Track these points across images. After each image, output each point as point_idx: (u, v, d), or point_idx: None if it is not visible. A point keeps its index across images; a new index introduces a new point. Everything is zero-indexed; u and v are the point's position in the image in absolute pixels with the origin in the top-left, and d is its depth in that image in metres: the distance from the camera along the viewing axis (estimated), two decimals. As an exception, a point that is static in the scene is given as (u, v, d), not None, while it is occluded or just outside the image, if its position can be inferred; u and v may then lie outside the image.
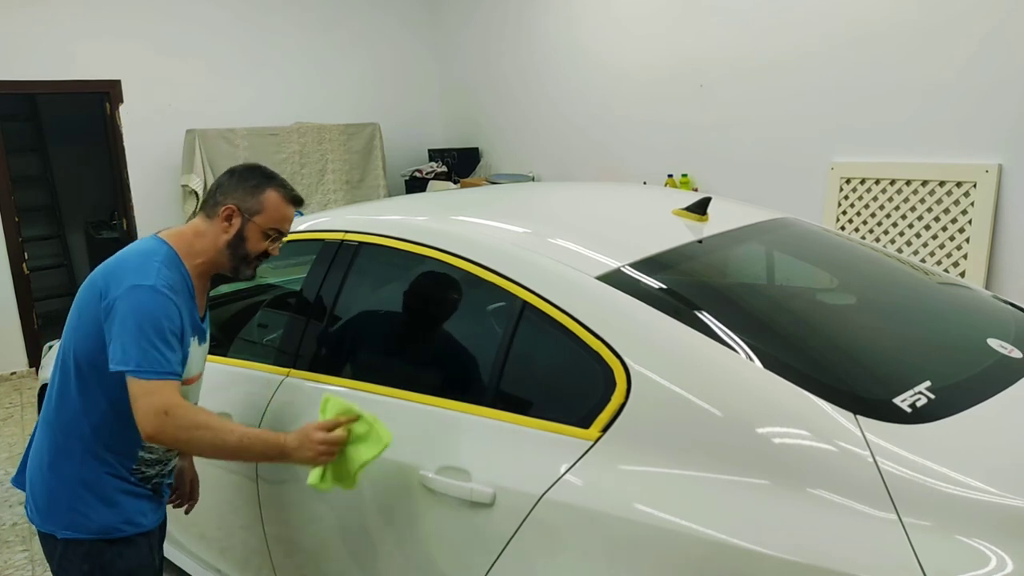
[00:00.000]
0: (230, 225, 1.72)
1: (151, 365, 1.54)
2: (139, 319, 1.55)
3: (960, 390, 1.44)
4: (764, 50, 4.36)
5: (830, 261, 2.09)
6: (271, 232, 1.76)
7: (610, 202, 2.32)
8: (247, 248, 1.74)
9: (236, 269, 1.77)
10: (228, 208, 1.72)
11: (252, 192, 1.74)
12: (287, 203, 1.78)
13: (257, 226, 1.73)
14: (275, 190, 1.76)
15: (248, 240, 1.73)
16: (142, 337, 1.54)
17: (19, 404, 5.09)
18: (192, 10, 5.98)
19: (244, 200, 1.73)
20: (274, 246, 1.78)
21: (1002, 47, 3.34)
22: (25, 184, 7.04)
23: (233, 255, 1.74)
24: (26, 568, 3.07)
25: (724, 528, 1.25)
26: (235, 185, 1.75)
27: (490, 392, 1.66)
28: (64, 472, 1.67)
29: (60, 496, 1.68)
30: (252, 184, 1.75)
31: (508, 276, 1.67)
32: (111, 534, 1.68)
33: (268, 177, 1.78)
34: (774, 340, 1.55)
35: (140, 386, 1.53)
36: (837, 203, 4.08)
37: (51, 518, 1.69)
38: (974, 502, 1.16)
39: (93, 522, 1.67)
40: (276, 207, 1.75)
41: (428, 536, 1.65)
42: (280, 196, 1.76)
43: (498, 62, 6.46)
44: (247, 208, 1.72)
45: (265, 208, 1.74)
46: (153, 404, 1.52)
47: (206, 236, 1.73)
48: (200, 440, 1.57)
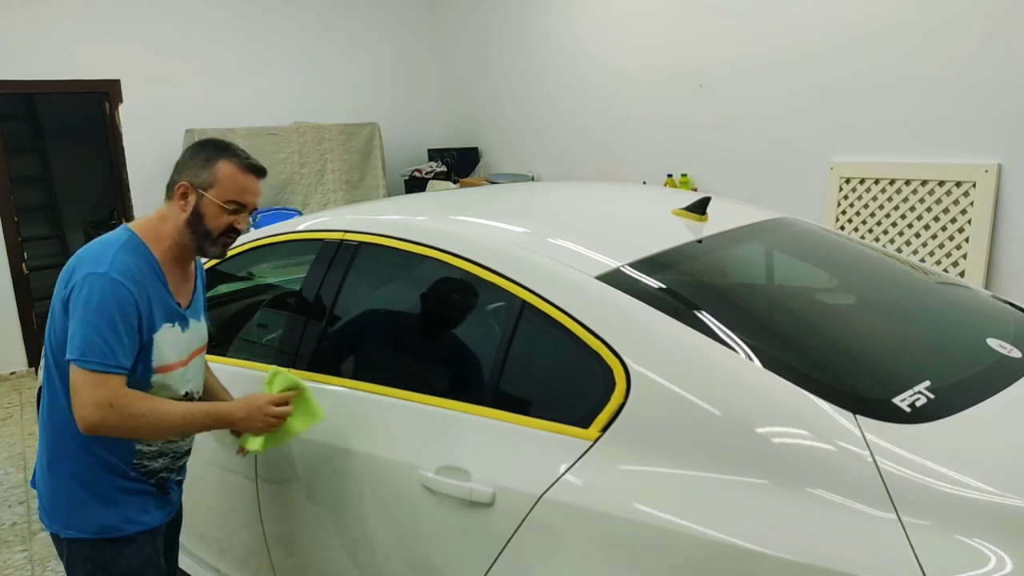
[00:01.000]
0: (186, 203, 1.66)
1: (95, 355, 1.51)
2: (87, 307, 1.53)
3: (960, 390, 1.44)
4: (764, 50, 4.36)
5: (830, 261, 2.09)
6: (229, 205, 1.67)
7: (610, 202, 2.32)
8: (206, 225, 1.67)
9: (201, 248, 1.71)
10: (182, 185, 1.66)
11: (203, 165, 1.67)
12: (243, 171, 1.69)
13: (212, 200, 1.65)
14: (227, 160, 1.67)
15: (206, 216, 1.66)
16: (89, 326, 1.52)
17: (18, 404, 5.09)
18: (192, 10, 5.98)
19: (196, 175, 1.66)
20: (239, 219, 1.70)
21: (1002, 47, 3.34)
22: (24, 184, 7.04)
23: (194, 233, 1.67)
24: (25, 568, 3.07)
25: (724, 528, 1.25)
26: (187, 160, 1.69)
27: (490, 392, 1.66)
28: (61, 471, 1.67)
29: (59, 496, 1.67)
30: (203, 157, 1.68)
31: (508, 276, 1.67)
32: (110, 533, 1.67)
33: (220, 148, 1.70)
34: (774, 340, 1.55)
35: (82, 375, 1.51)
36: (837, 203, 4.08)
37: (54, 518, 1.69)
38: (973, 502, 1.16)
39: (92, 522, 1.66)
40: (230, 177, 1.67)
41: (428, 536, 1.65)
42: (234, 165, 1.68)
43: (498, 62, 6.46)
44: (200, 182, 1.65)
45: (219, 180, 1.66)
46: (96, 397, 1.51)
47: (168, 219, 1.69)
48: (142, 427, 1.58)
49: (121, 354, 1.55)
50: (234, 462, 2.11)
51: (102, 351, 1.52)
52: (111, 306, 1.54)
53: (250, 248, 2.38)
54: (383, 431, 1.78)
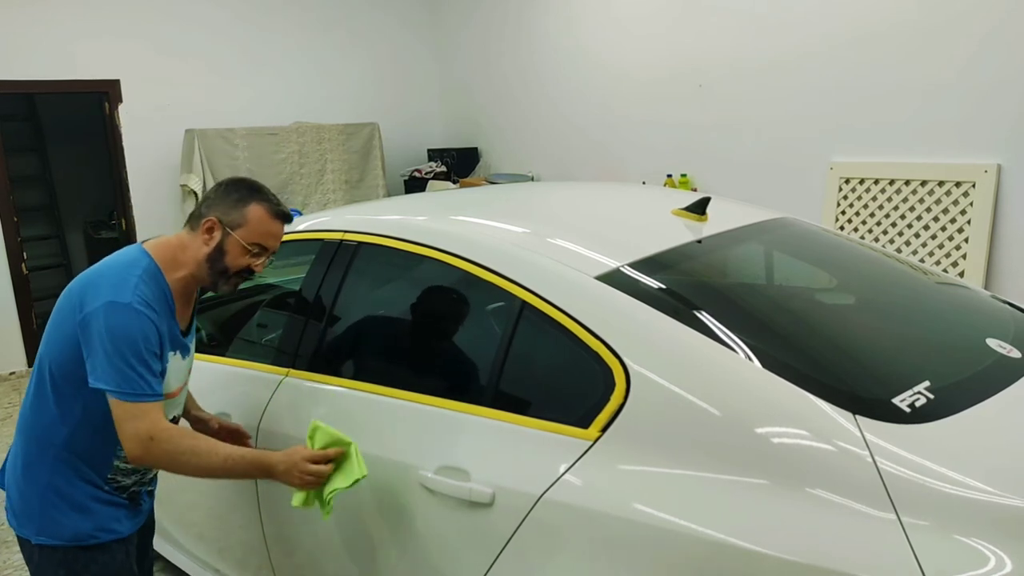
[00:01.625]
0: (210, 238, 1.69)
1: (131, 387, 1.53)
2: (116, 339, 1.53)
3: (959, 390, 1.44)
4: (764, 50, 4.36)
5: (829, 261, 2.09)
6: (253, 247, 1.71)
7: (609, 202, 2.32)
8: (226, 262, 1.70)
9: (215, 284, 1.73)
10: (210, 221, 1.68)
11: (235, 205, 1.69)
12: (272, 218, 1.72)
13: (237, 240, 1.69)
14: (260, 204, 1.70)
15: (228, 254, 1.69)
16: (119, 358, 1.52)
17: (18, 404, 5.09)
18: (192, 10, 5.98)
19: (227, 213, 1.69)
20: (257, 263, 1.73)
21: (1002, 47, 3.34)
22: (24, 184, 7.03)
23: (212, 269, 1.70)
24: (25, 568, 3.06)
25: (723, 528, 1.25)
26: (219, 198, 1.71)
27: (489, 392, 1.66)
28: (37, 478, 1.67)
29: (33, 502, 1.67)
30: (236, 197, 1.70)
31: (508, 276, 1.67)
32: (85, 541, 1.67)
33: (254, 190, 1.73)
34: (773, 340, 1.55)
35: (123, 409, 1.54)
36: (836, 203, 4.08)
37: (25, 523, 1.69)
38: (973, 502, 1.16)
39: (66, 529, 1.66)
40: (260, 221, 1.70)
41: (427, 536, 1.65)
42: (265, 211, 1.71)
43: (498, 62, 6.46)
44: (229, 221, 1.68)
45: (248, 222, 1.69)
46: (137, 430, 1.53)
47: (189, 249, 1.70)
48: (185, 465, 1.59)
49: (155, 383, 1.58)
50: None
51: (137, 383, 1.54)
52: (137, 337, 1.55)
53: (250, 248, 2.37)
54: (382, 431, 1.78)
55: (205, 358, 2.34)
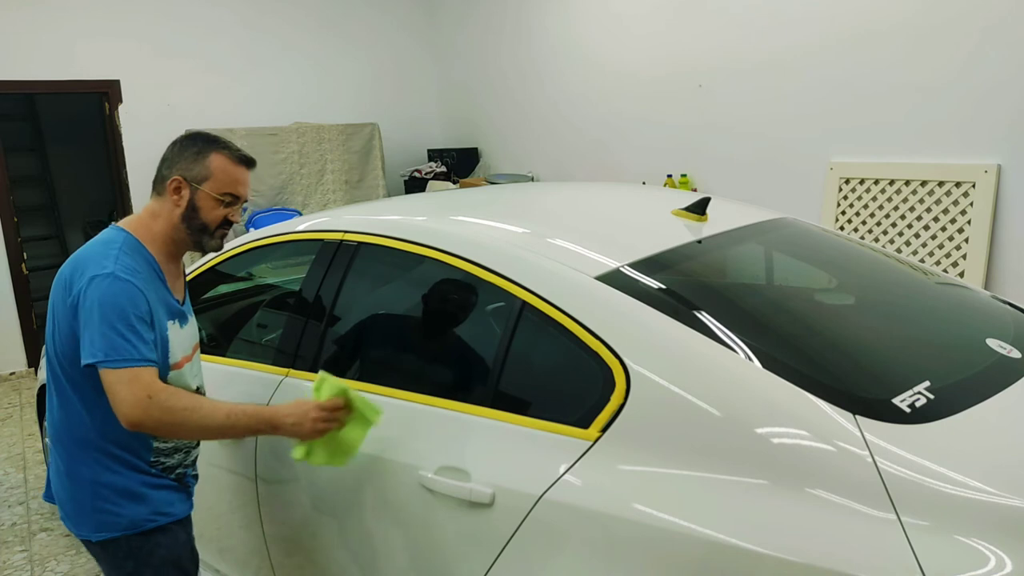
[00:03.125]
0: (179, 198, 1.66)
1: (121, 353, 1.50)
2: (102, 308, 1.51)
3: (959, 390, 1.44)
4: (763, 50, 4.36)
5: (829, 261, 2.09)
6: (224, 197, 1.68)
7: (609, 202, 2.32)
8: (202, 218, 1.67)
9: (199, 243, 1.70)
10: (175, 180, 1.66)
11: (196, 159, 1.66)
12: (235, 163, 1.70)
13: (207, 194, 1.66)
14: (219, 152, 1.68)
15: (202, 209, 1.67)
16: (107, 326, 1.50)
17: (18, 404, 5.09)
18: (191, 10, 5.98)
19: (189, 168, 1.66)
20: (233, 211, 1.71)
21: (1001, 47, 3.34)
22: (23, 184, 7.04)
23: (190, 228, 1.68)
24: (25, 568, 3.07)
25: (723, 528, 1.25)
26: (177, 155, 1.68)
27: (489, 392, 1.66)
28: (83, 478, 1.65)
29: (85, 501, 1.65)
30: (194, 151, 1.67)
31: (507, 276, 1.67)
32: (143, 526, 1.65)
33: (210, 141, 1.70)
34: (773, 340, 1.55)
35: (115, 375, 1.50)
36: (836, 203, 4.08)
37: (82, 524, 1.67)
38: (973, 502, 1.16)
39: (122, 518, 1.64)
40: (223, 170, 1.68)
41: (427, 536, 1.65)
42: (226, 158, 1.68)
43: (496, 62, 6.46)
44: (193, 176, 1.65)
45: (212, 173, 1.66)
46: (133, 391, 1.49)
47: (161, 215, 1.68)
48: (187, 422, 1.55)
49: (146, 349, 1.54)
50: (234, 462, 2.11)
51: (127, 348, 1.51)
52: (124, 304, 1.53)
53: (250, 248, 2.38)
54: (383, 431, 1.78)
55: (205, 358, 2.34)
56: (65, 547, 3.20)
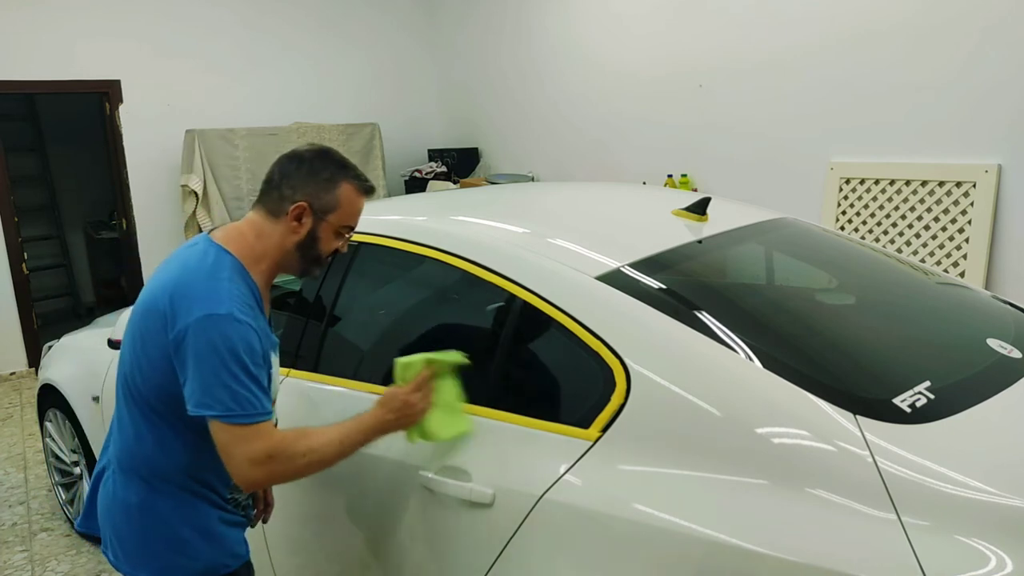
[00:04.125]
0: (300, 225, 1.51)
1: (243, 408, 1.36)
2: (220, 355, 1.36)
3: (960, 390, 1.44)
4: (763, 50, 4.36)
5: (829, 261, 2.09)
6: (344, 229, 1.57)
7: (610, 202, 2.32)
8: (319, 248, 1.55)
9: (305, 271, 1.58)
10: (299, 206, 1.50)
11: (326, 187, 1.51)
12: (362, 195, 1.57)
13: (331, 224, 1.53)
14: (349, 183, 1.54)
15: (321, 240, 1.54)
16: (228, 375, 1.36)
17: (19, 404, 5.09)
18: (191, 10, 5.98)
19: (318, 196, 1.51)
20: (343, 243, 1.59)
21: (1001, 47, 3.34)
22: (24, 184, 7.03)
23: (304, 257, 1.54)
24: (26, 568, 3.07)
25: (724, 528, 1.25)
26: (305, 178, 1.51)
27: (490, 392, 1.66)
28: (160, 512, 1.51)
29: (156, 538, 1.51)
30: (325, 176, 1.52)
31: (508, 276, 1.67)
32: (218, 571, 1.54)
33: (341, 167, 1.55)
34: (774, 340, 1.55)
35: (231, 433, 1.36)
36: (836, 203, 4.08)
37: (145, 563, 1.53)
38: (973, 502, 1.16)
39: (198, 562, 1.51)
40: (350, 202, 1.54)
41: (428, 536, 1.65)
42: (355, 189, 1.55)
43: (496, 62, 6.46)
44: (321, 206, 1.51)
45: (340, 205, 1.52)
46: (254, 452, 1.37)
47: (271, 237, 1.52)
48: (307, 467, 1.44)
49: (265, 399, 1.42)
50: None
51: (249, 402, 1.37)
52: (241, 350, 1.38)
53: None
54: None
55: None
56: (66, 547, 3.21)
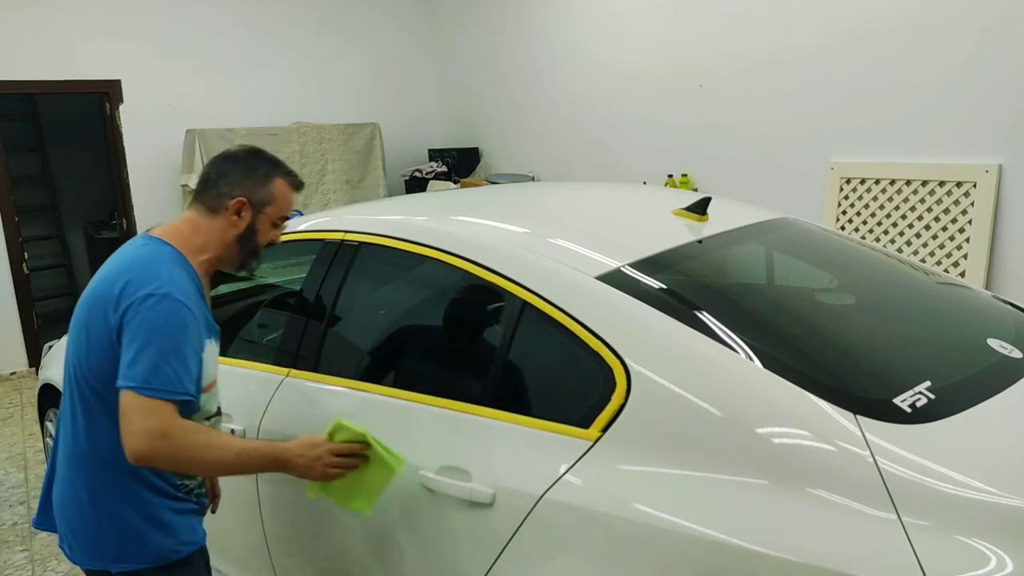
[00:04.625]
0: (240, 219, 1.63)
1: (160, 383, 1.42)
2: (154, 332, 1.44)
3: (960, 390, 1.44)
4: (764, 50, 4.36)
5: (830, 261, 2.09)
6: (279, 221, 1.71)
7: (610, 202, 2.32)
8: (258, 240, 1.67)
9: (244, 263, 1.70)
10: (239, 201, 1.62)
11: (262, 182, 1.65)
12: (293, 190, 1.72)
13: (268, 217, 1.66)
14: (283, 178, 1.69)
15: (259, 232, 1.66)
16: (155, 351, 1.43)
17: (19, 404, 5.09)
18: (192, 10, 5.98)
19: (255, 192, 1.64)
20: (278, 233, 1.72)
21: (1002, 47, 3.34)
22: (24, 184, 7.04)
23: (243, 249, 1.66)
24: (26, 568, 3.07)
25: (724, 528, 1.25)
26: (243, 175, 1.64)
27: (490, 392, 1.66)
28: (110, 505, 1.55)
29: (107, 530, 1.56)
30: (262, 173, 1.66)
31: (508, 276, 1.67)
32: (169, 558, 1.58)
33: (274, 164, 1.70)
34: (774, 340, 1.55)
35: (137, 402, 1.41)
36: (837, 203, 4.08)
37: (98, 554, 1.57)
38: (974, 502, 1.16)
39: (149, 550, 1.56)
40: (284, 195, 1.69)
41: (428, 536, 1.65)
42: (287, 184, 1.70)
43: (496, 62, 6.46)
44: (259, 200, 1.64)
45: (276, 198, 1.67)
46: (149, 425, 1.41)
47: (209, 232, 1.63)
48: (194, 461, 1.48)
49: (188, 380, 1.47)
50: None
51: (169, 378, 1.43)
52: (177, 330, 1.46)
53: (250, 248, 2.38)
54: (384, 431, 1.77)
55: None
56: (66, 547, 3.21)
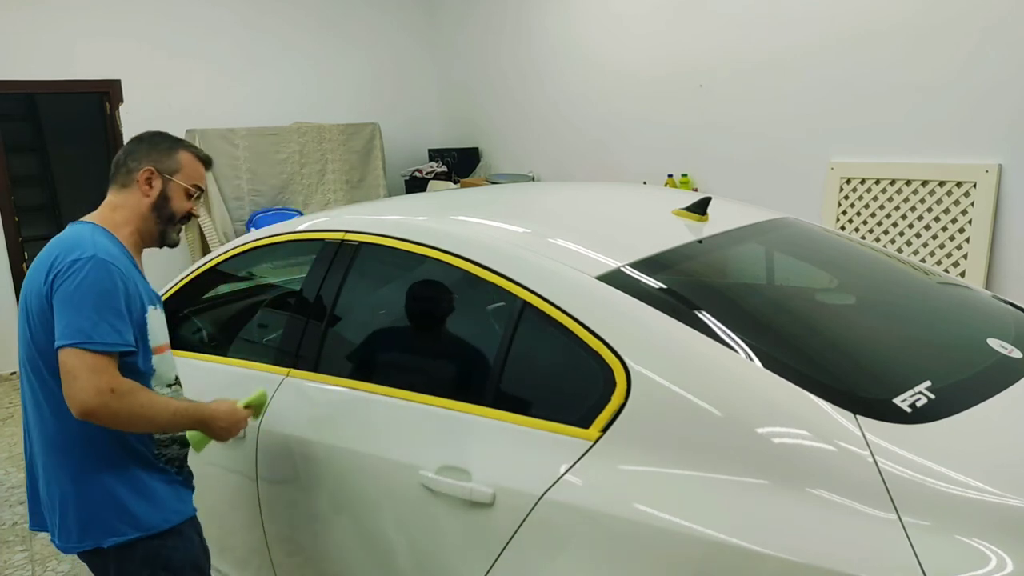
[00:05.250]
0: (151, 188, 1.72)
1: (103, 337, 1.48)
2: (84, 290, 1.50)
3: (960, 390, 1.44)
4: (763, 50, 4.36)
5: (830, 261, 2.09)
6: (192, 189, 1.77)
7: (610, 202, 2.32)
8: (172, 208, 1.74)
9: (163, 233, 1.76)
10: (147, 171, 1.71)
11: (167, 153, 1.75)
12: (200, 162, 1.81)
13: (178, 184, 1.74)
14: (186, 150, 1.78)
15: (172, 199, 1.74)
16: (90, 308, 1.49)
17: (19, 404, 5.09)
18: (192, 10, 5.98)
19: (160, 161, 1.73)
20: (196, 205, 1.80)
21: (1001, 47, 3.34)
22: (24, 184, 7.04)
23: (159, 217, 1.73)
24: (26, 568, 3.07)
25: (724, 528, 1.25)
26: (147, 150, 1.75)
27: (490, 392, 1.66)
28: (94, 481, 1.60)
29: (96, 506, 1.60)
30: (165, 147, 1.76)
31: (508, 276, 1.67)
32: (159, 527, 1.63)
33: (177, 140, 1.81)
34: (774, 340, 1.55)
35: (81, 358, 1.46)
36: (837, 203, 4.08)
37: (89, 533, 1.60)
38: (974, 502, 1.16)
39: (139, 519, 1.61)
40: (192, 164, 1.78)
41: (428, 536, 1.65)
42: (192, 155, 1.79)
43: (496, 62, 6.46)
44: (165, 168, 1.73)
45: (183, 166, 1.75)
46: (99, 382, 1.46)
47: (125, 206, 1.72)
48: (138, 418, 1.54)
49: (127, 332, 1.54)
50: (234, 461, 2.11)
51: (108, 332, 1.50)
52: (107, 286, 1.53)
53: (251, 248, 2.38)
54: (383, 431, 1.78)
55: (206, 358, 2.34)
56: (66, 547, 3.21)
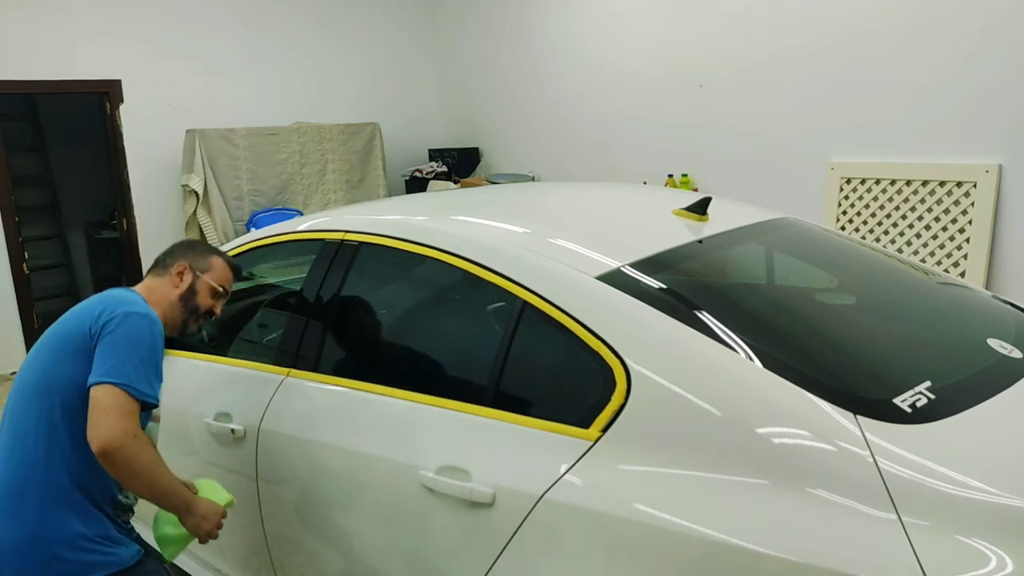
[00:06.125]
0: (181, 280, 1.90)
1: (142, 386, 1.59)
2: (137, 342, 1.63)
3: (960, 390, 1.44)
4: (763, 50, 4.36)
5: (830, 261, 2.09)
6: (218, 288, 1.95)
7: (610, 202, 2.32)
8: (198, 301, 1.91)
9: (185, 323, 1.91)
10: (180, 265, 1.91)
11: (202, 255, 1.97)
12: (229, 268, 2.01)
13: (207, 282, 1.93)
14: (219, 257, 2.00)
15: (199, 293, 1.91)
16: (137, 358, 1.60)
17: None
18: (192, 10, 5.98)
19: (195, 260, 1.94)
20: (218, 305, 1.96)
21: (1002, 47, 3.34)
22: (25, 184, 7.03)
23: (185, 307, 1.89)
24: (26, 568, 3.06)
25: (724, 528, 1.25)
26: (185, 251, 1.97)
27: (490, 392, 1.66)
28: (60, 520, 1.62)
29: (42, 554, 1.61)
30: (201, 250, 1.99)
31: (508, 276, 1.67)
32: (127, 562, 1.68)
33: (213, 248, 2.05)
34: (774, 340, 1.55)
35: (119, 400, 1.55)
36: (837, 203, 4.08)
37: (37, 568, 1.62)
38: (974, 502, 1.16)
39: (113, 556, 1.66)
40: (222, 268, 1.98)
41: (428, 536, 1.65)
42: (224, 261, 2.00)
43: (496, 62, 6.46)
44: (198, 266, 1.93)
45: (213, 267, 1.96)
46: (127, 424, 1.55)
47: (158, 291, 1.87)
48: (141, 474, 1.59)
49: (158, 389, 1.66)
50: (234, 462, 2.11)
51: (148, 383, 1.61)
52: (154, 345, 1.67)
53: (251, 248, 2.38)
54: (384, 431, 1.78)
55: (207, 358, 2.35)
56: (66, 547, 3.20)
